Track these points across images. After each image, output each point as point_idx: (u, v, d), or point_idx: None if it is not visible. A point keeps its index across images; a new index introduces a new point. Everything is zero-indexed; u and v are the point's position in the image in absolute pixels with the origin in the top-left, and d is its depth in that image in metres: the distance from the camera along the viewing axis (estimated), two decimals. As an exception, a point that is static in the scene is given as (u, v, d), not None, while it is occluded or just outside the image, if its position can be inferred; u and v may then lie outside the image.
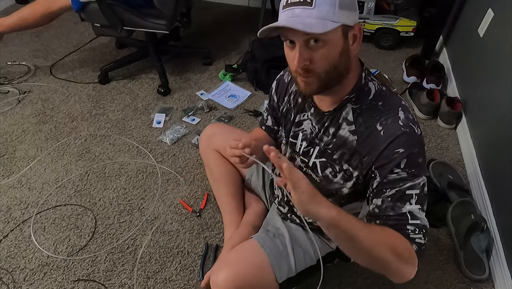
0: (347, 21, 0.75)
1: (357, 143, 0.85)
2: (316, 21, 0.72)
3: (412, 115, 0.83)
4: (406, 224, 0.79)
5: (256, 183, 1.31)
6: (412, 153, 0.79)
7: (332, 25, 0.72)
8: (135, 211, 1.47)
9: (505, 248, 1.28)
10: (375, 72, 2.00)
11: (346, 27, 0.76)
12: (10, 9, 2.77)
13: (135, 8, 1.86)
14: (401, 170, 0.79)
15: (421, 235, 0.79)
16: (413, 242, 0.78)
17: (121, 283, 1.25)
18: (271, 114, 1.11)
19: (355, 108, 0.85)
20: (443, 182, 1.54)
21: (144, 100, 2.01)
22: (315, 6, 0.72)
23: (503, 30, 1.59)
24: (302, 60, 0.76)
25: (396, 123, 0.80)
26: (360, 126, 0.84)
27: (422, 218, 0.80)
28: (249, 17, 2.78)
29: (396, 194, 0.80)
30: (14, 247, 1.34)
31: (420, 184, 0.80)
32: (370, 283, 1.27)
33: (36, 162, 1.64)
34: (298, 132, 0.97)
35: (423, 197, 0.81)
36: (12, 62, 2.23)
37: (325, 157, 0.92)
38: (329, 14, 0.72)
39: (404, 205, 0.79)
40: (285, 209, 1.12)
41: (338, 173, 0.91)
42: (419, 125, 0.83)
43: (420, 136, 0.82)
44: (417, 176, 0.80)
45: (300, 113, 0.96)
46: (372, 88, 0.86)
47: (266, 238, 1.05)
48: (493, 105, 1.58)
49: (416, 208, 0.80)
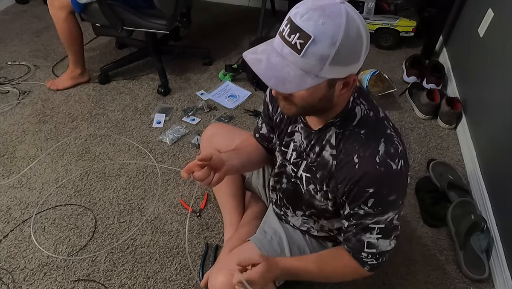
0: (337, 75, 0.70)
1: (335, 169, 0.84)
2: (298, 74, 0.67)
3: (395, 146, 0.80)
4: (362, 250, 0.87)
5: (256, 182, 1.31)
6: (381, 194, 0.79)
7: (312, 82, 0.68)
8: (135, 211, 1.47)
9: (505, 248, 1.28)
10: (375, 73, 2.00)
11: (333, 80, 0.71)
12: (10, 9, 2.78)
13: (135, 8, 1.86)
14: (368, 207, 0.81)
15: (374, 259, 0.88)
16: (365, 264, 0.89)
17: (121, 283, 1.25)
18: (266, 122, 1.07)
19: (338, 133, 0.83)
20: (443, 182, 1.55)
21: (144, 100, 2.01)
22: (303, 56, 0.66)
23: (503, 30, 1.59)
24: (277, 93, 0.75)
25: (372, 159, 0.77)
26: (340, 152, 0.83)
27: (379, 246, 0.86)
28: (249, 17, 2.78)
29: (360, 225, 0.84)
30: (14, 247, 1.34)
31: (387, 219, 0.83)
32: (370, 283, 1.27)
33: (36, 162, 1.64)
34: (290, 142, 0.96)
35: (390, 228, 0.85)
36: (12, 62, 2.23)
37: (310, 173, 0.92)
38: (314, 69, 0.67)
39: (365, 234, 0.85)
40: (280, 212, 1.12)
41: (319, 192, 0.92)
42: (402, 157, 0.80)
43: (397, 173, 0.78)
44: (384, 212, 0.82)
45: (292, 124, 0.95)
46: (358, 113, 0.82)
47: (263, 240, 1.05)
48: (493, 105, 1.58)
49: (375, 238, 0.85)
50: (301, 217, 1.05)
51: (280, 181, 1.04)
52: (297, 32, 0.65)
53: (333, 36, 0.64)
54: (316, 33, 0.64)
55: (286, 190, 1.03)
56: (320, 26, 0.64)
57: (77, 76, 2.05)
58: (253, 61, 0.70)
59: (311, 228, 1.06)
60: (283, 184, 1.03)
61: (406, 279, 1.30)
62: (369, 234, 0.84)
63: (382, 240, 0.85)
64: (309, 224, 1.05)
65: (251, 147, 1.14)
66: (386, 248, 0.87)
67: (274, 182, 1.09)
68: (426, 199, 1.52)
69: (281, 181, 1.04)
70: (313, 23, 0.64)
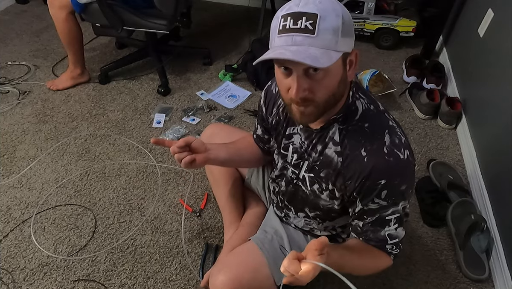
0: (347, 48, 0.72)
1: (342, 166, 0.83)
2: (321, 52, 0.67)
3: (399, 137, 0.80)
4: (386, 244, 0.87)
5: (256, 183, 1.31)
6: (393, 184, 0.79)
7: (336, 56, 0.68)
8: (135, 211, 1.47)
9: (505, 248, 1.28)
10: (375, 73, 2.00)
11: (345, 55, 0.73)
12: (10, 9, 2.78)
13: (135, 8, 1.86)
14: (382, 200, 0.81)
15: (398, 248, 0.88)
16: (391, 254, 0.89)
17: (121, 283, 1.25)
18: (261, 124, 1.08)
19: (341, 129, 0.83)
20: (443, 182, 1.54)
21: (144, 100, 2.01)
22: (317, 35, 0.66)
23: (503, 30, 1.59)
24: (301, 91, 0.71)
25: (380, 151, 0.78)
26: (345, 148, 0.82)
27: (399, 235, 0.87)
28: (249, 17, 2.78)
29: (377, 220, 0.84)
30: (14, 247, 1.34)
31: (401, 208, 0.83)
32: (370, 283, 1.27)
33: (36, 162, 1.64)
34: (289, 145, 0.95)
35: (403, 216, 0.85)
36: (12, 62, 2.23)
37: (313, 173, 0.91)
38: (331, 44, 0.68)
39: (384, 228, 0.85)
40: (281, 214, 1.12)
41: (324, 191, 0.91)
42: (407, 147, 0.81)
43: (405, 162, 0.79)
44: (397, 203, 0.82)
45: (290, 126, 0.94)
46: (359, 107, 0.83)
47: (264, 240, 1.05)
48: (493, 105, 1.58)
49: (394, 229, 0.85)
50: (303, 218, 1.05)
51: (280, 184, 1.04)
52: (303, 16, 0.67)
53: (334, 9, 0.68)
54: (320, 11, 0.67)
55: (287, 192, 1.03)
56: (319, 4, 0.68)
57: (77, 76, 2.06)
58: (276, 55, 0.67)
59: (314, 228, 1.06)
60: (283, 186, 1.03)
61: (406, 279, 1.30)
62: (387, 227, 0.84)
63: (399, 228, 0.86)
64: (311, 225, 1.05)
65: (245, 144, 1.14)
66: (403, 234, 0.88)
67: (274, 185, 1.09)
68: (426, 199, 1.52)
69: (281, 184, 1.04)
70: (312, 5, 0.67)
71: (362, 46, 2.46)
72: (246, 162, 1.18)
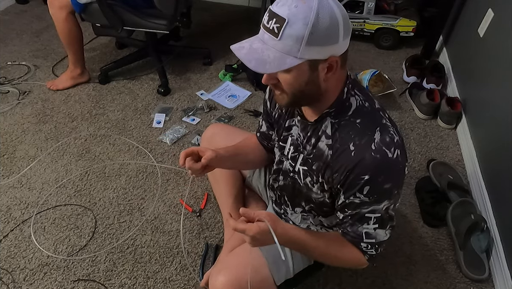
0: (316, 56, 0.72)
1: (331, 159, 0.84)
2: (278, 55, 0.71)
3: (391, 136, 0.80)
4: (361, 241, 0.87)
5: (257, 182, 1.31)
6: (377, 181, 0.79)
7: (293, 62, 0.71)
8: (135, 211, 1.47)
9: (505, 248, 1.28)
10: (375, 73, 2.00)
11: (314, 61, 0.73)
12: (10, 9, 2.78)
13: (135, 8, 1.86)
14: (364, 195, 0.81)
15: (373, 249, 0.88)
16: (365, 254, 0.89)
17: (121, 283, 1.25)
18: (266, 119, 1.10)
19: (333, 123, 0.84)
20: (443, 182, 1.55)
21: (144, 100, 2.01)
22: (280, 39, 0.70)
23: (503, 30, 1.59)
24: (266, 79, 0.78)
25: (368, 147, 0.78)
26: (336, 142, 0.84)
27: (377, 237, 0.87)
28: (249, 17, 2.78)
29: (356, 215, 0.85)
30: (14, 247, 1.34)
31: (382, 208, 0.83)
32: (370, 283, 1.27)
33: (36, 162, 1.64)
34: (288, 137, 0.97)
35: (386, 218, 0.85)
36: (12, 62, 2.23)
37: (307, 166, 0.92)
38: (292, 50, 0.70)
39: (362, 225, 0.86)
40: (280, 210, 1.12)
41: (315, 184, 0.92)
42: (398, 147, 0.80)
43: (393, 161, 0.79)
44: (379, 201, 0.82)
45: (289, 118, 0.96)
46: (353, 103, 0.83)
47: None
48: (493, 105, 1.58)
49: (372, 229, 0.86)
50: (300, 213, 1.05)
51: (278, 178, 1.05)
52: (274, 17, 0.70)
53: (305, 18, 0.68)
54: (290, 16, 0.68)
55: (284, 186, 1.03)
56: (293, 9, 0.69)
57: (77, 76, 2.06)
58: (236, 48, 0.75)
59: (311, 225, 1.06)
60: (281, 181, 1.04)
61: (406, 279, 1.30)
62: (366, 224, 0.85)
63: (379, 229, 0.86)
64: (308, 220, 1.06)
65: (249, 145, 1.16)
66: (384, 238, 0.88)
67: (272, 179, 1.09)
68: (426, 199, 1.52)
69: (278, 178, 1.05)
70: (287, 8, 0.69)
71: (362, 46, 2.46)
72: (251, 163, 1.19)
